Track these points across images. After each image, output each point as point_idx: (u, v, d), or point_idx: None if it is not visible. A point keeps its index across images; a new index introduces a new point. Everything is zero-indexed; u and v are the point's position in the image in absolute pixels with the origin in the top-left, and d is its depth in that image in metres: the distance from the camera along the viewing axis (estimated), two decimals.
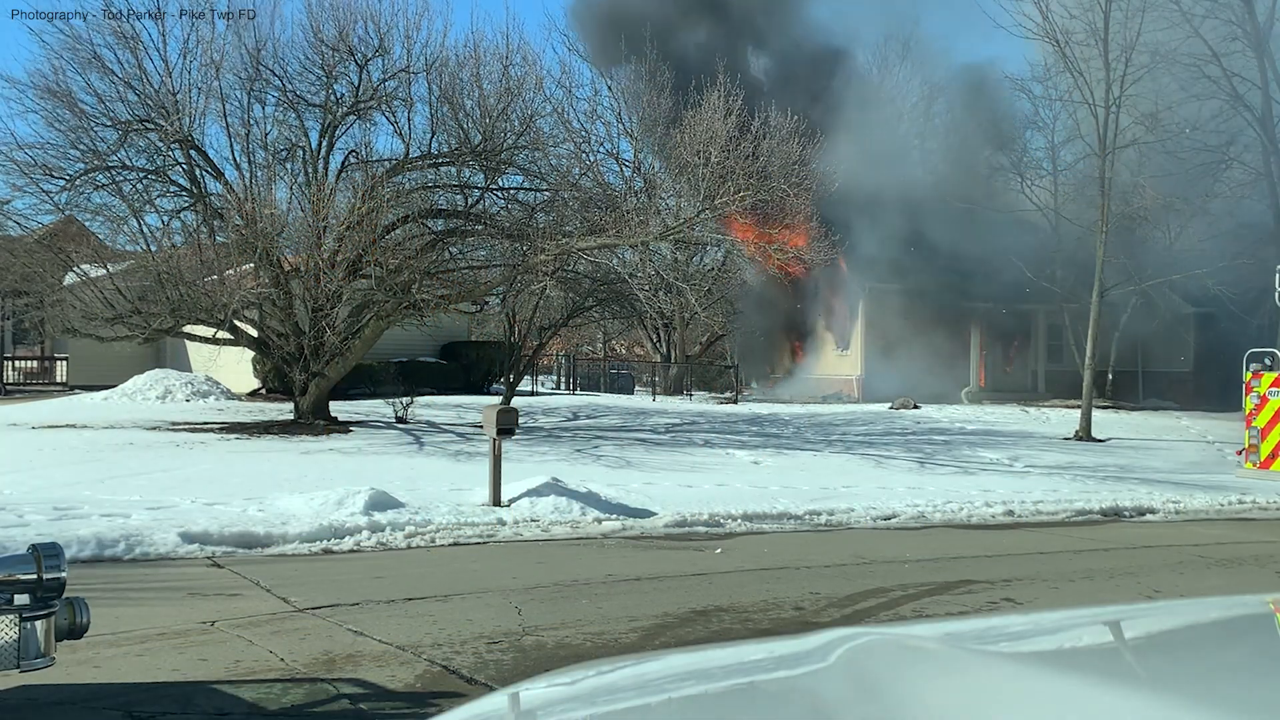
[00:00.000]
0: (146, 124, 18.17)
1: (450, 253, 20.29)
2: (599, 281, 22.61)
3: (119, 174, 18.62)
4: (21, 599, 4.18)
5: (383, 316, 19.09)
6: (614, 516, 11.95)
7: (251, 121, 18.97)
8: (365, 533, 10.60)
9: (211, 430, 18.31)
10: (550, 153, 20.34)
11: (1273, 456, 13.68)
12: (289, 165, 19.73)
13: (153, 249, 18.60)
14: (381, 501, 11.46)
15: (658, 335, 36.78)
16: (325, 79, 19.23)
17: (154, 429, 18.40)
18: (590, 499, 12.42)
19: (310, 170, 19.38)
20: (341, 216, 18.51)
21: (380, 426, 19.74)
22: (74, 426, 18.21)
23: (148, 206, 18.97)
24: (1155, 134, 23.93)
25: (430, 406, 22.57)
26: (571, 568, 9.63)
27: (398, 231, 19.21)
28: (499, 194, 20.43)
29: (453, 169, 19.95)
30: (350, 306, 19.60)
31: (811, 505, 13.11)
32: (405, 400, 20.99)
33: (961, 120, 36.65)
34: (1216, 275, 25.36)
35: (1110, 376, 31.45)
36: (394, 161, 19.53)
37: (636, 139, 20.39)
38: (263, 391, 25.40)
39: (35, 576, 4.18)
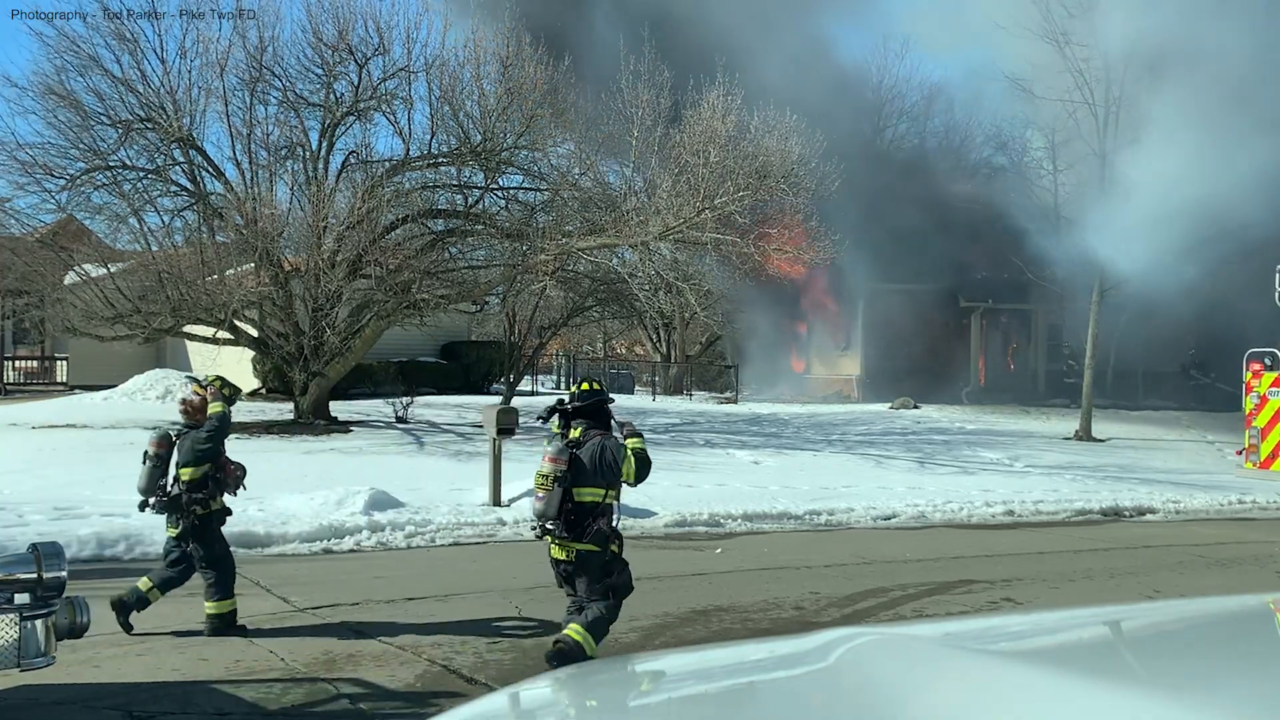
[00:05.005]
0: (147, 123, 18.16)
1: (450, 253, 20.26)
2: (599, 281, 22.54)
3: (119, 173, 18.60)
4: (22, 598, 4.18)
5: (383, 316, 19.07)
6: None
7: (253, 121, 18.94)
8: (365, 532, 10.60)
9: None
10: (550, 153, 20.26)
11: (1273, 456, 13.70)
12: (289, 165, 19.71)
13: (153, 248, 18.59)
14: (381, 501, 11.47)
15: (658, 335, 36.76)
16: (325, 78, 19.20)
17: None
18: None
19: (310, 170, 19.35)
20: (341, 216, 18.49)
21: (380, 426, 19.74)
22: (74, 426, 18.20)
23: (148, 206, 18.95)
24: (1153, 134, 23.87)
25: (430, 406, 22.56)
26: None
27: (398, 231, 19.19)
28: (499, 194, 20.39)
29: (453, 169, 19.91)
30: (350, 306, 19.58)
31: (811, 505, 13.12)
32: (405, 400, 20.97)
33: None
34: (1216, 275, 25.27)
35: (1110, 376, 31.42)
36: (394, 161, 19.50)
37: (636, 137, 20.32)
38: (263, 391, 25.37)
39: (35, 576, 4.18)
